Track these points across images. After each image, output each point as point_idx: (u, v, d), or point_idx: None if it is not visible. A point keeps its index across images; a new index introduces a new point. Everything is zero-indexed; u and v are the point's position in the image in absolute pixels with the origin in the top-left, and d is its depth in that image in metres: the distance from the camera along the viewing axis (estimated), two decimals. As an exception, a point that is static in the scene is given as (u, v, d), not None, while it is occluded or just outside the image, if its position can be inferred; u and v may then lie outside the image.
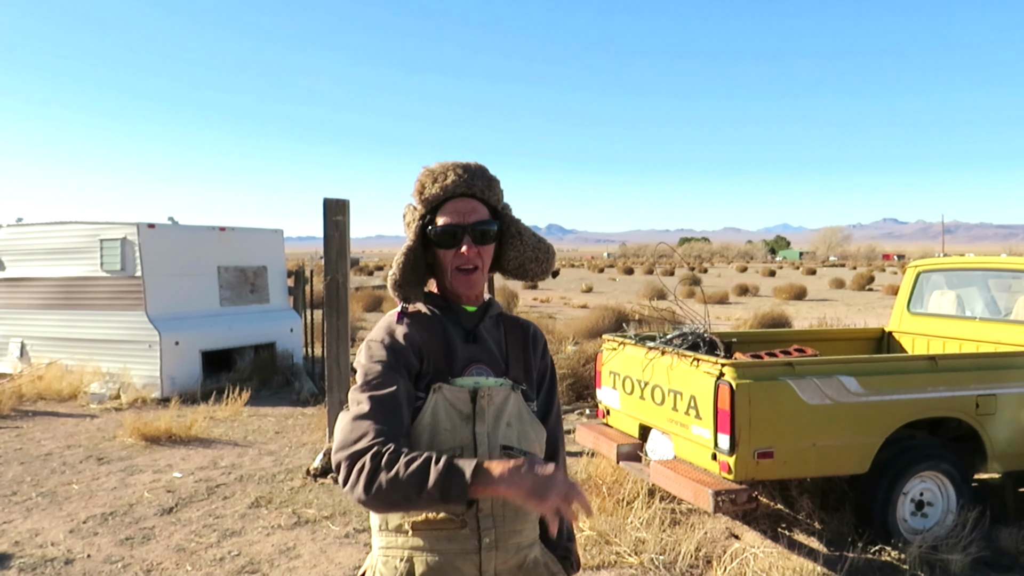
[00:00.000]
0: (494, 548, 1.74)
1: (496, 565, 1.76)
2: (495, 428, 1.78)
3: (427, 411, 1.77)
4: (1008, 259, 6.53)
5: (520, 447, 1.79)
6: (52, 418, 8.76)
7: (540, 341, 1.99)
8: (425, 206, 1.83)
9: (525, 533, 1.80)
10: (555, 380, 2.02)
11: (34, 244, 10.70)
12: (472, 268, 1.82)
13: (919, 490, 4.82)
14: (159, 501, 5.85)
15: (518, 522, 1.78)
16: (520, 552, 1.79)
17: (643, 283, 36.28)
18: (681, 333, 5.35)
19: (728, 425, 4.35)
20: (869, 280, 42.52)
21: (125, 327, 9.87)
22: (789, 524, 5.23)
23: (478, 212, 1.82)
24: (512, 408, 1.82)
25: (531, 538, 1.83)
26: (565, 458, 2.05)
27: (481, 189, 1.82)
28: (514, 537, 1.77)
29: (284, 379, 10.74)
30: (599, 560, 4.62)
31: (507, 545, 1.76)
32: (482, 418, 1.77)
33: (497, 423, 1.79)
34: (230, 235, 10.83)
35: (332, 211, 7.16)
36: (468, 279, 1.83)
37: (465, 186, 1.81)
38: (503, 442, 1.78)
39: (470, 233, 1.80)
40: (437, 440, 1.76)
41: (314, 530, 5.25)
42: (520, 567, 1.80)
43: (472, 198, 1.83)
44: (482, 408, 1.78)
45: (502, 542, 1.75)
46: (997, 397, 4.83)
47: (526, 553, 1.81)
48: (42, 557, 4.79)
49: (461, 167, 1.83)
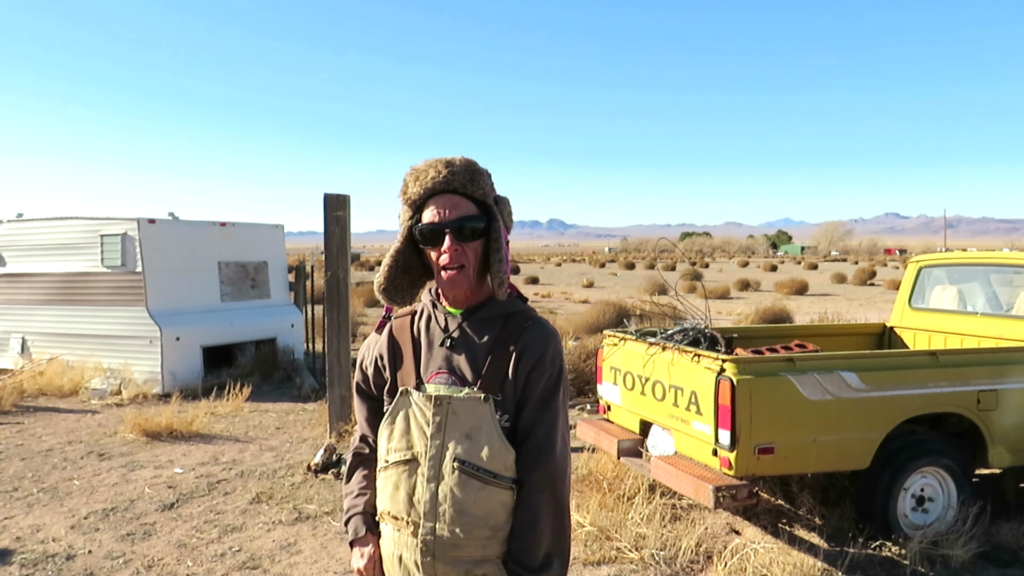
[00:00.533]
0: (431, 556, 1.75)
1: (437, 573, 1.77)
2: (450, 439, 1.75)
3: (395, 415, 1.82)
4: (1010, 254, 6.52)
5: (474, 463, 1.75)
6: (53, 414, 8.77)
7: (532, 346, 1.79)
8: (411, 207, 1.80)
9: (468, 550, 1.75)
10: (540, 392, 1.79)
11: (34, 240, 10.69)
12: (456, 267, 1.76)
13: (920, 485, 4.82)
14: (160, 497, 5.85)
15: (459, 538, 1.74)
16: (460, 567, 1.76)
17: (644, 278, 36.28)
18: (682, 328, 5.34)
19: (729, 421, 4.34)
20: (871, 275, 42.48)
21: (126, 323, 9.87)
22: (790, 520, 5.23)
23: (460, 207, 1.76)
24: (475, 420, 1.75)
25: (477, 556, 1.76)
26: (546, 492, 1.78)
27: (463, 184, 1.77)
28: (454, 551, 1.75)
29: (285, 375, 10.75)
30: (600, 556, 4.62)
31: (446, 557, 1.75)
32: (439, 429, 1.75)
33: (454, 434, 1.75)
34: (231, 230, 10.82)
35: (333, 206, 7.15)
36: (452, 277, 1.77)
37: (445, 182, 1.76)
38: (459, 455, 1.75)
39: (451, 229, 1.75)
40: (398, 443, 1.81)
41: (315, 526, 5.25)
42: None
43: (454, 194, 1.77)
44: (441, 419, 1.76)
45: (440, 553, 1.75)
46: (998, 392, 4.82)
47: (469, 569, 1.76)
48: (43, 553, 4.80)
49: (444, 163, 1.78)
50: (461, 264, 1.76)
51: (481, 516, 1.74)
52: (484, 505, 1.75)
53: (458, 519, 1.73)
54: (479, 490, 1.74)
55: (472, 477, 1.74)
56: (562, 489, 1.80)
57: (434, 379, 1.79)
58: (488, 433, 1.75)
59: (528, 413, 1.79)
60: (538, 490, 1.77)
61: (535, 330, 1.82)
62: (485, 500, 1.75)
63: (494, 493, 1.76)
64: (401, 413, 1.81)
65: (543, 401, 1.79)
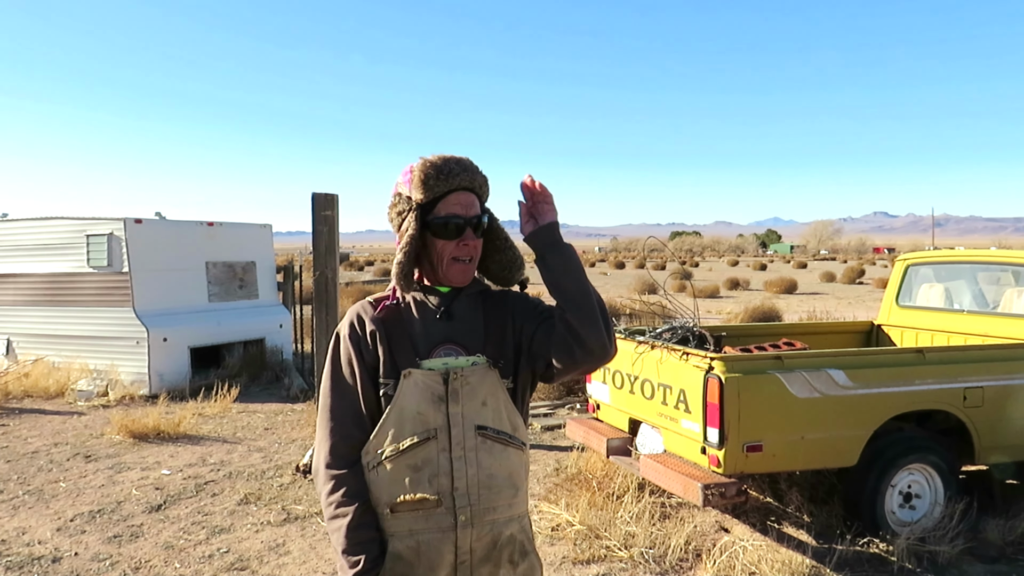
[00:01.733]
0: (469, 525, 1.81)
1: (471, 542, 1.82)
2: (470, 408, 1.83)
3: (397, 397, 1.83)
4: (996, 252, 6.56)
5: (494, 426, 1.85)
6: (39, 416, 8.70)
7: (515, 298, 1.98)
8: (427, 195, 1.86)
9: (500, 510, 1.85)
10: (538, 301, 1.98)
11: (20, 240, 10.61)
12: (468, 259, 1.90)
13: (907, 482, 4.84)
14: (147, 498, 5.81)
15: (492, 500, 1.83)
16: (495, 529, 1.84)
17: (634, 277, 36.35)
18: (671, 327, 5.35)
19: (717, 419, 4.35)
20: (859, 273, 42.70)
21: (112, 323, 9.80)
22: (778, 517, 5.24)
23: (476, 206, 1.90)
24: (488, 387, 1.85)
25: (507, 515, 1.86)
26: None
27: (479, 185, 1.91)
28: (488, 515, 1.83)
29: (273, 375, 10.70)
30: (589, 554, 4.62)
31: (482, 522, 1.82)
32: (455, 399, 1.82)
33: (472, 403, 1.83)
34: (218, 230, 10.77)
35: (321, 205, 7.13)
36: (464, 269, 1.90)
37: (469, 180, 1.88)
38: (478, 422, 1.83)
39: (472, 226, 1.88)
40: (404, 428, 1.82)
41: (303, 526, 5.23)
42: (495, 544, 1.85)
43: (472, 192, 1.90)
44: (455, 389, 1.82)
45: (477, 519, 1.81)
46: (984, 389, 4.84)
47: (501, 530, 1.85)
48: (29, 556, 4.76)
49: (457, 161, 1.88)
50: (471, 256, 1.90)
51: (506, 477, 1.86)
52: (507, 466, 1.86)
53: (488, 482, 1.83)
54: (501, 452, 1.85)
55: (494, 441, 1.84)
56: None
57: (438, 352, 1.87)
58: (500, 398, 1.87)
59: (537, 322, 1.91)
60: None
61: (512, 292, 2.01)
62: (508, 461, 1.86)
63: (514, 454, 1.88)
64: (408, 395, 1.82)
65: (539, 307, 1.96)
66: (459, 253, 1.87)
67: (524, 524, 1.92)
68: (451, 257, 1.88)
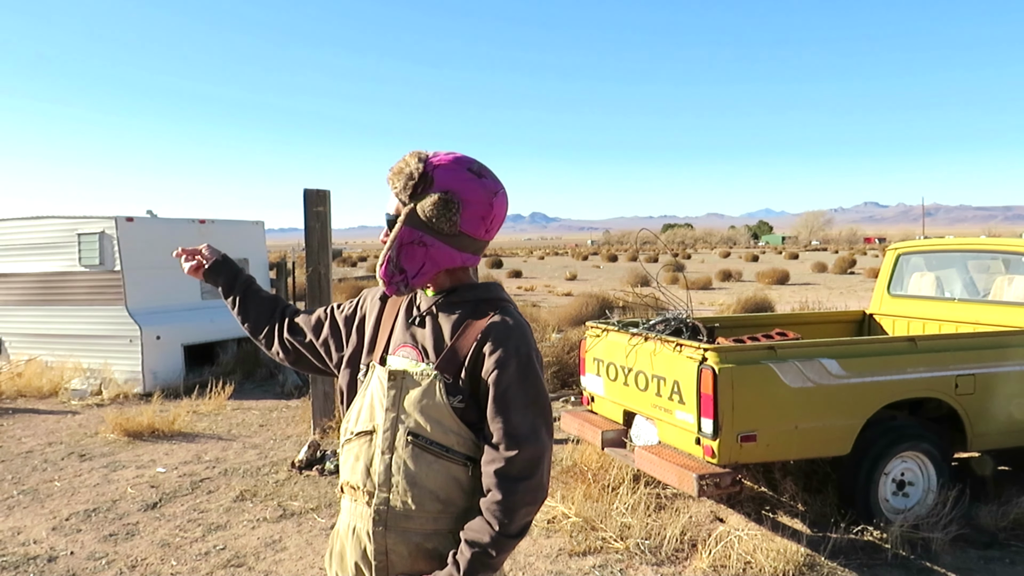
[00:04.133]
0: (383, 526, 1.82)
1: (388, 544, 1.82)
2: (406, 412, 1.82)
3: (364, 384, 1.92)
4: (986, 240, 6.60)
5: (425, 435, 1.79)
6: (32, 415, 8.67)
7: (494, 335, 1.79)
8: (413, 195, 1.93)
9: (419, 522, 1.80)
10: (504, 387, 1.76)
11: (10, 240, 10.55)
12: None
13: (900, 470, 4.87)
14: (143, 497, 5.81)
15: (411, 509, 1.79)
16: (411, 539, 1.81)
17: (627, 270, 36.39)
18: (664, 319, 5.36)
19: (711, 409, 4.37)
20: (851, 264, 42.86)
21: (105, 322, 9.77)
22: (773, 506, 5.27)
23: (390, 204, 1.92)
24: (427, 394, 1.80)
25: (430, 528, 1.80)
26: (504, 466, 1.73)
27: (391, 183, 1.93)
28: (405, 522, 1.81)
29: (268, 372, 10.68)
30: (585, 546, 4.64)
31: (397, 527, 1.82)
32: (395, 402, 1.83)
33: (409, 408, 1.82)
34: (210, 227, 10.74)
35: (313, 202, 7.11)
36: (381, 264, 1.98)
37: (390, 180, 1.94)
38: (412, 429, 1.80)
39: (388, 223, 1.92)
40: (359, 416, 1.90)
41: (300, 522, 5.23)
42: (411, 553, 1.82)
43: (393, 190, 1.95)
44: (397, 393, 1.83)
45: (392, 523, 1.82)
46: (976, 377, 4.88)
47: (419, 542, 1.80)
48: (24, 555, 4.75)
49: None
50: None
51: (432, 489, 1.79)
52: (436, 479, 1.79)
53: (410, 490, 1.79)
54: (431, 463, 1.79)
55: (424, 450, 1.80)
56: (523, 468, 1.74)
57: (398, 352, 1.89)
58: (440, 409, 1.79)
59: (492, 404, 1.77)
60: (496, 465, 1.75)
61: (500, 320, 1.82)
62: (437, 474, 1.79)
63: (446, 467, 1.80)
64: (369, 386, 1.90)
65: (498, 399, 1.77)
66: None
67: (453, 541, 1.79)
68: None
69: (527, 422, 1.75)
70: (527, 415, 1.76)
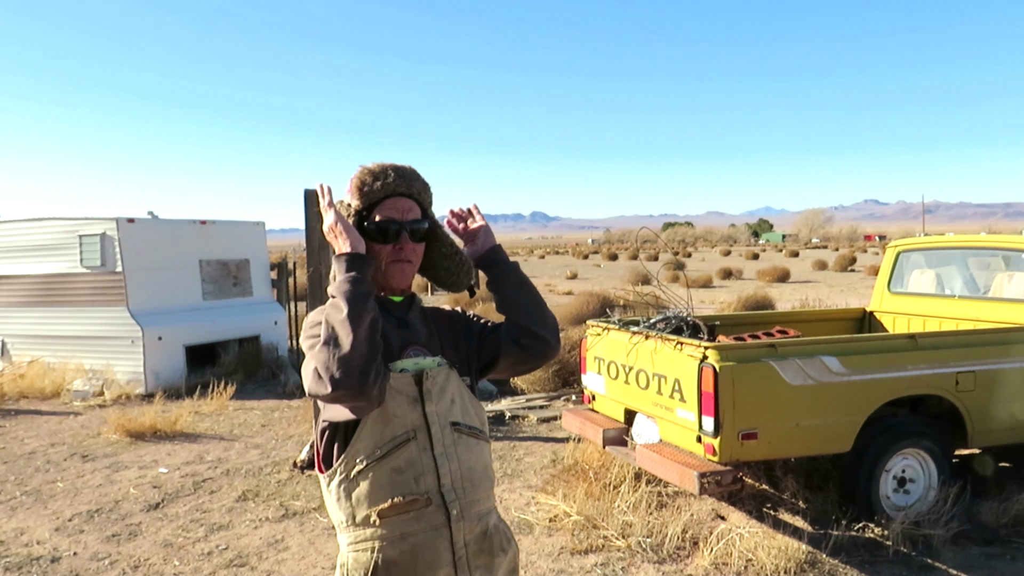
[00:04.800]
0: (461, 519, 1.84)
1: (465, 536, 1.85)
2: (442, 406, 1.87)
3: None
4: (987, 237, 6.60)
5: (465, 422, 1.91)
6: (35, 416, 8.69)
7: (463, 314, 2.07)
8: (364, 201, 1.91)
9: (483, 502, 1.91)
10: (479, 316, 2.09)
11: (12, 241, 10.57)
12: (407, 260, 1.94)
13: (901, 467, 4.88)
14: (145, 497, 5.82)
15: (476, 491, 1.88)
16: (482, 520, 1.90)
17: (627, 269, 36.39)
18: (665, 317, 5.37)
19: (712, 407, 4.38)
20: (851, 261, 42.84)
21: (107, 323, 9.78)
22: (774, 504, 5.28)
23: (414, 211, 1.94)
24: (453, 385, 1.91)
25: (489, 506, 1.94)
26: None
27: (419, 191, 1.96)
28: (475, 506, 1.88)
29: (269, 372, 10.70)
30: (587, 544, 4.65)
31: (471, 514, 1.86)
32: (430, 398, 1.86)
33: (443, 401, 1.88)
34: (211, 228, 10.74)
35: (314, 202, 7.12)
36: (402, 268, 1.93)
37: (405, 186, 1.93)
38: (452, 419, 1.88)
39: (407, 230, 1.91)
40: (389, 427, 1.83)
41: (302, 522, 5.24)
42: (484, 533, 1.90)
43: (410, 198, 1.94)
44: (428, 389, 1.86)
45: (467, 511, 1.86)
46: (976, 374, 4.88)
47: (487, 520, 1.91)
48: (28, 556, 4.76)
49: (395, 168, 1.94)
50: (409, 260, 1.94)
51: (483, 469, 1.93)
52: (482, 459, 1.94)
53: (469, 475, 1.88)
54: (475, 446, 1.92)
55: (468, 435, 1.90)
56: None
57: (410, 353, 1.91)
58: (464, 395, 1.93)
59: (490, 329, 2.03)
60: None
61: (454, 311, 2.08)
62: (482, 454, 1.94)
63: (484, 447, 1.96)
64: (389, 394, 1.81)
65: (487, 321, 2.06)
66: (396, 256, 1.91)
67: (498, 513, 2.01)
68: (390, 260, 1.91)
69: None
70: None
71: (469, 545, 1.85)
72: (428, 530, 1.80)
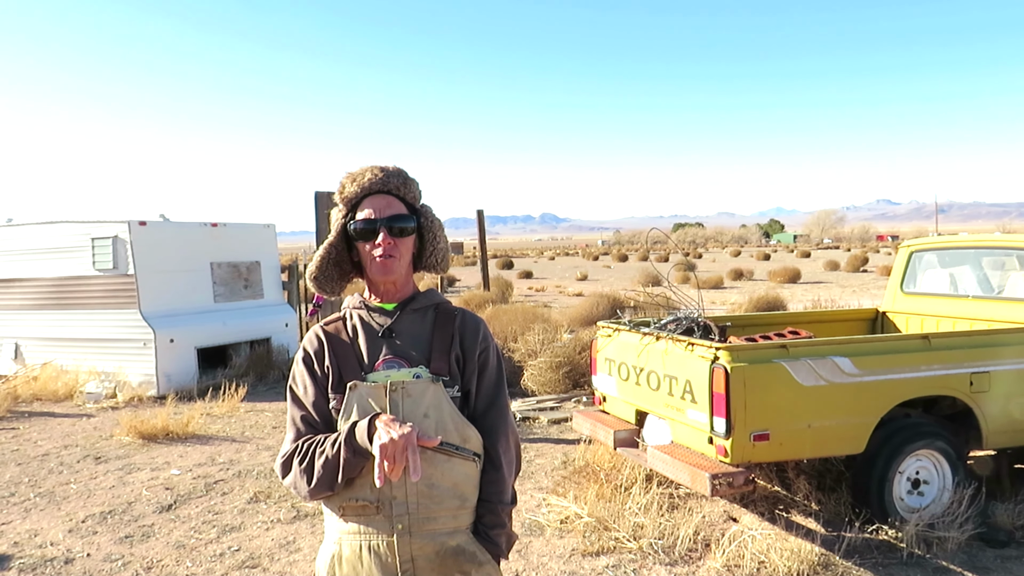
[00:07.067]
0: (407, 534, 1.84)
1: (412, 550, 1.85)
2: (411, 420, 1.83)
3: (344, 409, 1.88)
4: (1001, 237, 6.54)
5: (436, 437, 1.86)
6: (48, 418, 8.75)
7: (470, 327, 2.00)
8: (346, 205, 1.96)
9: (441, 521, 1.87)
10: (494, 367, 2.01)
11: (25, 244, 10.65)
12: (388, 256, 1.92)
13: (915, 469, 4.84)
14: (158, 499, 5.85)
15: (436, 509, 1.86)
16: (437, 539, 1.86)
17: (638, 270, 36.31)
18: (675, 318, 5.35)
19: (724, 408, 4.36)
20: (863, 261, 42.61)
21: (119, 325, 9.84)
22: (786, 506, 5.25)
23: (394, 207, 1.93)
24: (430, 399, 1.87)
25: (452, 526, 1.89)
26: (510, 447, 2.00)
27: (397, 186, 1.95)
28: (428, 524, 1.85)
29: (280, 374, 10.73)
30: (598, 546, 4.63)
31: (421, 531, 1.85)
32: (395, 410, 1.84)
33: (413, 415, 1.84)
34: (222, 231, 10.79)
35: (324, 204, 7.14)
36: (384, 264, 1.91)
37: (381, 183, 1.94)
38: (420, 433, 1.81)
39: (385, 226, 1.91)
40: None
41: (313, 523, 5.25)
42: (437, 554, 1.87)
43: (388, 194, 1.94)
44: (395, 401, 1.85)
45: (416, 528, 1.84)
46: (991, 374, 4.84)
47: (444, 541, 1.87)
48: (42, 557, 4.79)
49: (379, 168, 1.96)
50: (392, 255, 1.92)
51: (449, 487, 1.87)
52: (451, 477, 1.88)
53: (428, 492, 1.85)
54: (444, 463, 1.87)
55: (436, 451, 1.85)
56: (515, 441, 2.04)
57: (382, 365, 1.91)
58: (445, 410, 1.88)
59: (476, 383, 1.97)
60: (504, 449, 1.97)
61: (467, 315, 2.03)
62: (451, 472, 1.88)
63: (459, 465, 1.89)
64: (355, 407, 1.87)
65: (488, 373, 1.99)
66: (376, 251, 1.91)
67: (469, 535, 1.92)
68: (373, 257, 1.92)
69: (506, 402, 2.02)
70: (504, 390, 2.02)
71: (416, 561, 1.84)
72: (375, 535, 1.86)
